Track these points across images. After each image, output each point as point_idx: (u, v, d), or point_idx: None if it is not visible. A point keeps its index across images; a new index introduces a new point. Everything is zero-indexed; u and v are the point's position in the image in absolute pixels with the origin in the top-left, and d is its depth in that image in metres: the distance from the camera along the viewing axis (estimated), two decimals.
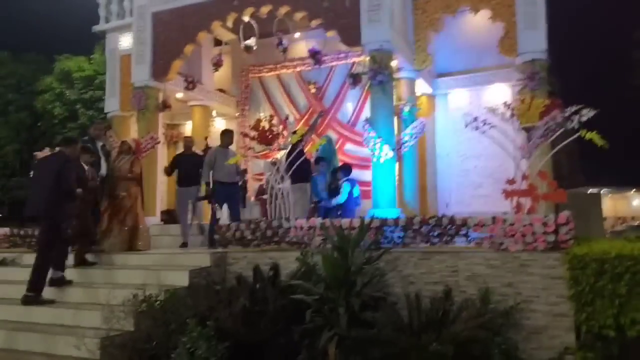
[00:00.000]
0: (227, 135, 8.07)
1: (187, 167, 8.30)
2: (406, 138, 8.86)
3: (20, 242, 8.09)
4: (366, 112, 9.86)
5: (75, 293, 5.68)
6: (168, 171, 8.68)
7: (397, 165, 8.39)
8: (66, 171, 5.70)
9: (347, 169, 8.92)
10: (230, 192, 7.79)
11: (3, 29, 34.18)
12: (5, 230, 8.36)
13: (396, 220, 5.70)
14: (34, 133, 22.51)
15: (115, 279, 5.94)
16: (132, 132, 10.62)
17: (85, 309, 5.19)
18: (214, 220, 7.64)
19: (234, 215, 7.64)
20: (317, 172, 8.58)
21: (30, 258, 7.07)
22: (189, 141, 8.93)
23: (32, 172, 6.58)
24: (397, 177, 8.34)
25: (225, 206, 7.90)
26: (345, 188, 8.59)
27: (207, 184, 7.84)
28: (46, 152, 8.00)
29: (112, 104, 11.07)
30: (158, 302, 4.85)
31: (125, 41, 11.05)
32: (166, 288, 5.16)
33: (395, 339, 4.34)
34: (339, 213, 8.24)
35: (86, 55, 21.45)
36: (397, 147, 8.44)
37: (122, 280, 5.83)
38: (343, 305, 4.66)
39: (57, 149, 6.35)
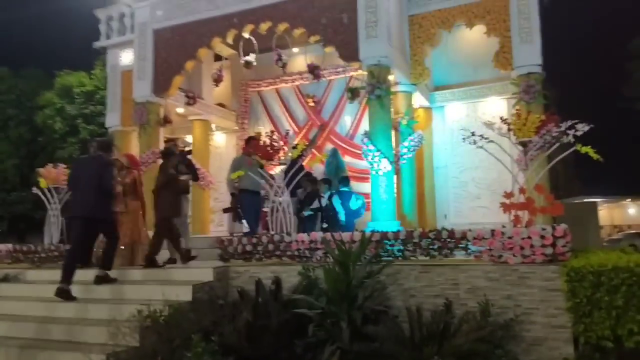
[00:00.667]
0: (252, 142, 8.01)
1: None
2: (404, 151, 8.96)
3: (22, 258, 8.12)
4: (364, 125, 9.98)
5: (81, 309, 5.72)
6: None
7: (395, 177, 8.48)
8: (107, 174, 6.19)
9: (328, 181, 9.09)
10: (257, 202, 7.76)
11: (3, 45, 34.36)
12: (8, 246, 8.39)
13: (396, 233, 5.78)
14: (33, 148, 22.58)
15: (121, 294, 5.99)
16: (134, 147, 10.71)
17: (92, 325, 5.23)
18: (248, 232, 7.55)
19: (254, 227, 7.62)
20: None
21: (33, 274, 7.17)
22: (172, 145, 8.20)
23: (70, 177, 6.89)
24: (395, 190, 8.43)
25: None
26: (335, 201, 8.73)
27: (233, 194, 7.71)
28: (50, 169, 8.12)
29: (113, 119, 11.21)
30: (162, 318, 4.91)
31: (126, 57, 11.20)
32: (170, 303, 5.21)
33: (397, 352, 4.40)
34: (323, 226, 8.26)
35: (87, 70, 21.59)
36: (395, 160, 8.53)
37: (127, 296, 5.88)
38: (345, 319, 4.73)
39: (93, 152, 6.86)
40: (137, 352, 4.69)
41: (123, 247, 7.15)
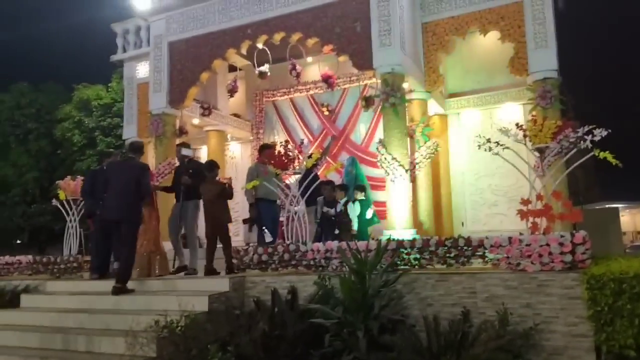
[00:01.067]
0: (265, 151, 7.86)
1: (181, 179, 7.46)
2: (420, 158, 8.92)
3: (42, 269, 8.22)
4: (379, 133, 9.96)
5: (99, 319, 5.77)
6: (168, 188, 7.94)
7: (411, 185, 8.44)
8: (146, 179, 6.33)
9: (345, 187, 9.09)
10: (274, 210, 7.78)
11: (23, 60, 35.15)
12: (28, 257, 8.50)
13: (412, 242, 5.73)
14: (53, 161, 22.98)
15: (138, 305, 6.02)
16: (150, 157, 10.85)
17: (110, 335, 5.28)
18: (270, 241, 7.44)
19: (274, 237, 7.64)
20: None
21: (53, 285, 7.24)
22: (182, 148, 7.87)
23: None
24: (411, 198, 8.38)
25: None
26: (350, 209, 8.71)
27: (252, 204, 7.76)
28: (69, 181, 8.24)
29: (130, 131, 11.42)
30: (179, 328, 4.92)
31: (142, 69, 11.38)
32: (186, 314, 5.21)
33: None
34: (336, 232, 8.25)
35: (104, 83, 21.99)
36: (411, 168, 8.50)
37: (145, 307, 5.91)
38: (361, 328, 4.69)
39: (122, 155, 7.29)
40: None
41: (140, 258, 7.20)
